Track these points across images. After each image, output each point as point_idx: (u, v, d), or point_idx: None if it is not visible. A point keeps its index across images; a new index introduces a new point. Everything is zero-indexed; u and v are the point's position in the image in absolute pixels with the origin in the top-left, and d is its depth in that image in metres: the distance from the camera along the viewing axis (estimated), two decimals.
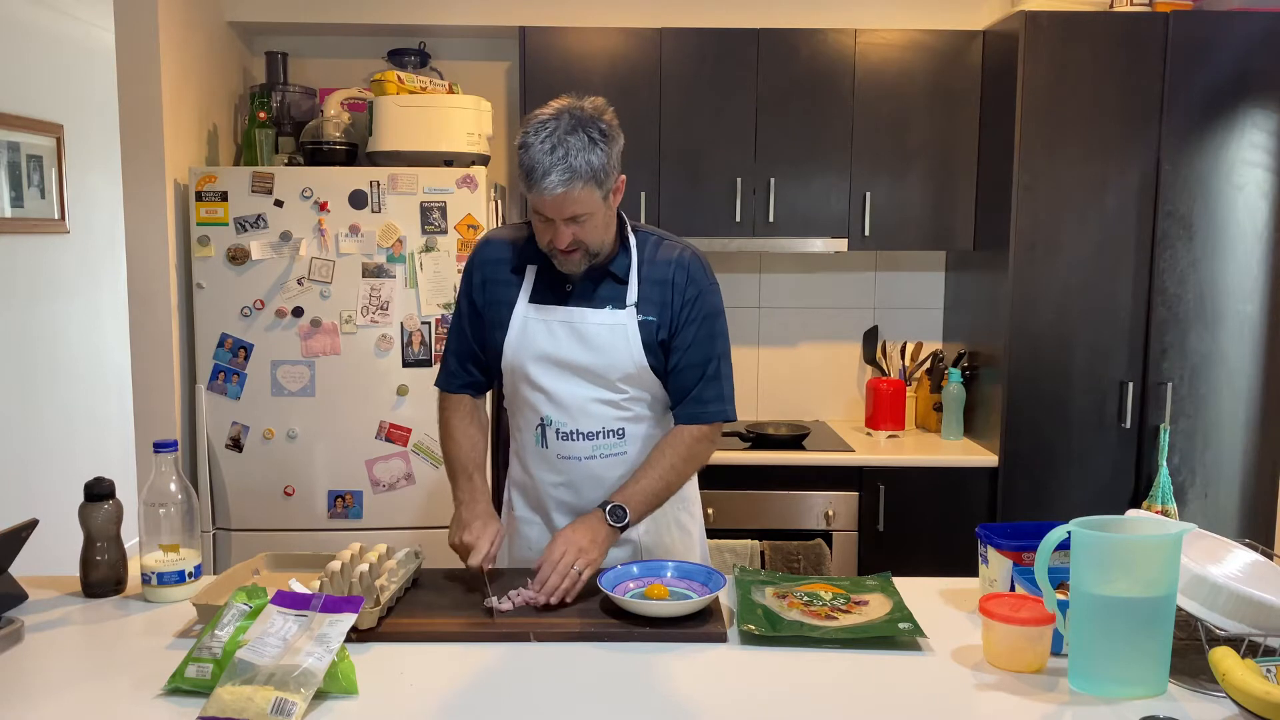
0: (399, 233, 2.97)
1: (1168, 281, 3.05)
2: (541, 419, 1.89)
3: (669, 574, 1.75)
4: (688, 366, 1.88)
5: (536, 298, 1.87)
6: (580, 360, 1.85)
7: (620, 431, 1.90)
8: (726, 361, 1.94)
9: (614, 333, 1.85)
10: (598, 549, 1.75)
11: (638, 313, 1.86)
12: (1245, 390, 3.08)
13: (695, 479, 2.06)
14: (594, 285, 1.86)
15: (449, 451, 1.98)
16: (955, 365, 3.41)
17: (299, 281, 2.97)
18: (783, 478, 3.10)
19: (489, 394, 2.30)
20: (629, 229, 1.91)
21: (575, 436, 1.88)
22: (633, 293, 1.86)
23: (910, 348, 3.62)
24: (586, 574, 1.71)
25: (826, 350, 3.69)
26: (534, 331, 1.86)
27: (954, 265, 3.59)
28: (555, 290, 1.87)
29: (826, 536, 3.10)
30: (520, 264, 1.90)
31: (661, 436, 1.92)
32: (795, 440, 3.24)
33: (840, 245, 3.26)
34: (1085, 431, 3.09)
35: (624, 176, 1.84)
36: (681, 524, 2.02)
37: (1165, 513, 2.98)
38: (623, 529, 1.80)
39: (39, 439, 4.08)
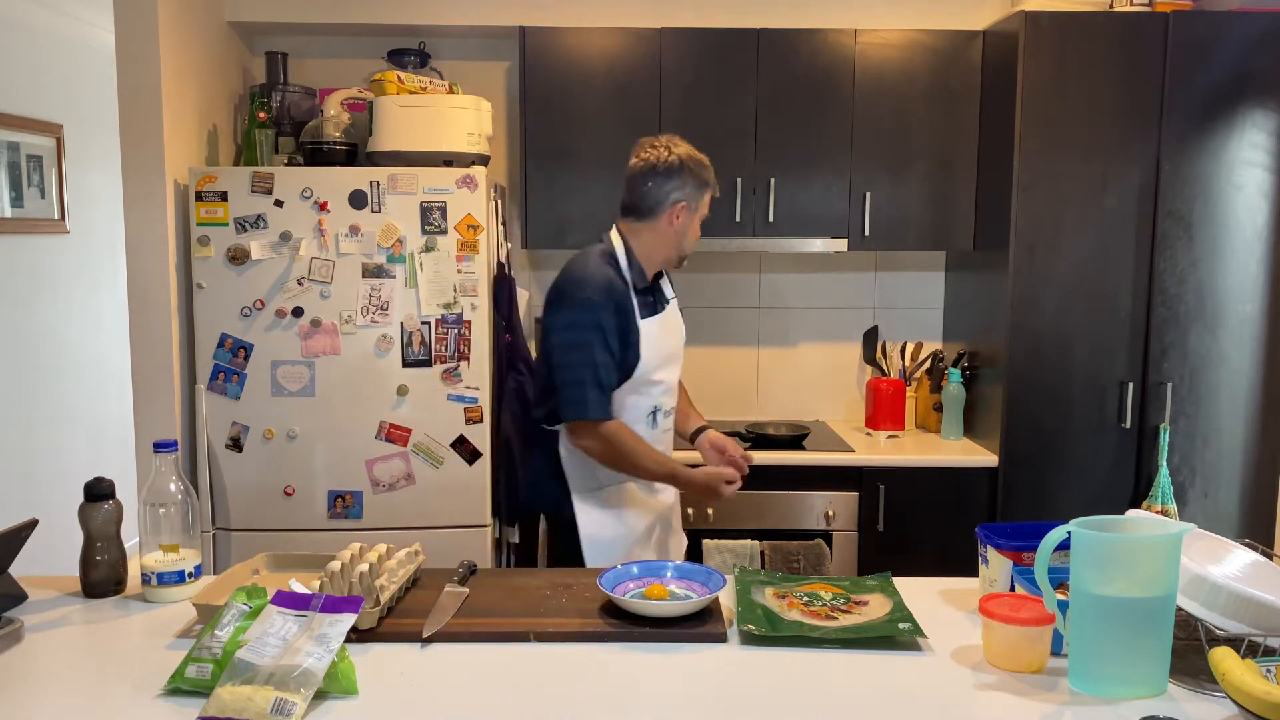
0: (399, 233, 2.96)
1: (1168, 281, 3.05)
2: (655, 407, 2.30)
3: (669, 574, 1.76)
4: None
5: (645, 313, 2.26)
6: (679, 349, 2.38)
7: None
8: None
9: (682, 319, 2.42)
10: None
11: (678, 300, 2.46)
12: (1245, 390, 3.08)
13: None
14: (658, 292, 2.35)
15: (646, 455, 2.23)
16: (955, 365, 3.40)
17: (299, 281, 2.97)
18: (783, 478, 3.10)
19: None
20: None
21: (672, 413, 2.39)
22: (669, 286, 2.42)
23: (910, 348, 3.62)
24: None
25: (826, 350, 3.69)
26: (656, 339, 2.27)
27: (954, 265, 3.59)
28: (651, 304, 2.30)
29: (826, 536, 3.10)
30: (625, 292, 2.25)
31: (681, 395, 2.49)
32: (795, 440, 3.24)
33: (840, 245, 3.26)
34: (1085, 431, 3.09)
35: None
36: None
37: (1165, 513, 2.97)
38: None
39: (39, 439, 4.08)
